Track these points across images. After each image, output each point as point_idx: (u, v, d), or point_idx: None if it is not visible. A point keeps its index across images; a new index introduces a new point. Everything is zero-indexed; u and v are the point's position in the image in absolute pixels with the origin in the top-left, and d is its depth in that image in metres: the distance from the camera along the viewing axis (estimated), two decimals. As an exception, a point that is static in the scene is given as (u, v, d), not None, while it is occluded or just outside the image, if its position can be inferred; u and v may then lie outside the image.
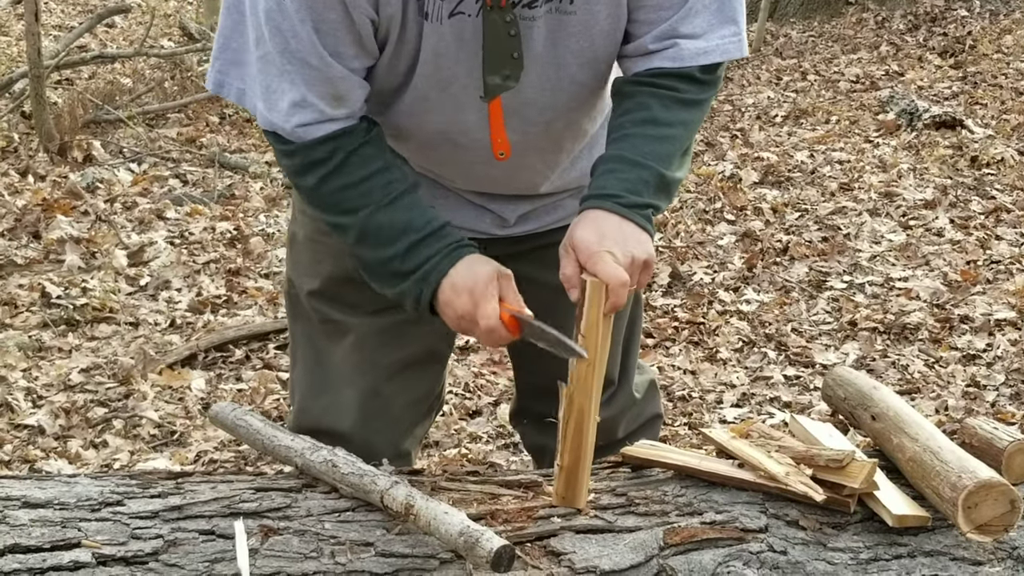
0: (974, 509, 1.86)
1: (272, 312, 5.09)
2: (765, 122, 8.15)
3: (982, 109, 8.01)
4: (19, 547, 1.75)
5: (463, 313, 1.98)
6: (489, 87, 2.02)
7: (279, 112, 1.97)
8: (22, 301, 5.09)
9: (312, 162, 2.02)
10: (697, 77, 2.06)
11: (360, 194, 2.03)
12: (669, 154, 2.03)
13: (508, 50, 1.98)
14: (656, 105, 2.04)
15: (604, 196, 1.99)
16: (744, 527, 1.93)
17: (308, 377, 2.41)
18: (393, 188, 2.04)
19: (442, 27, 1.94)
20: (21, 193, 6.39)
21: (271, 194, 6.61)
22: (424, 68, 2.00)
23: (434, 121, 2.10)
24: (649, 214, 2.00)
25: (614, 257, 1.90)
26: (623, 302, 1.92)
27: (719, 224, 6.11)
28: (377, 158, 2.05)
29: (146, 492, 1.93)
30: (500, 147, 2.14)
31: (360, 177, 2.03)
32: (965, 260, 5.54)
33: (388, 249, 2.03)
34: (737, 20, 2.07)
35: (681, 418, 4.19)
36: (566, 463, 1.96)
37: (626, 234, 1.95)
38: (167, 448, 4.02)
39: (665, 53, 2.03)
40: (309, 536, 1.85)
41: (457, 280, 1.99)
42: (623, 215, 1.97)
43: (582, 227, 1.97)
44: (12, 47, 9.53)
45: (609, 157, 2.04)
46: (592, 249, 1.92)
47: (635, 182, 1.99)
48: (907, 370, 4.50)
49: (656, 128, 2.03)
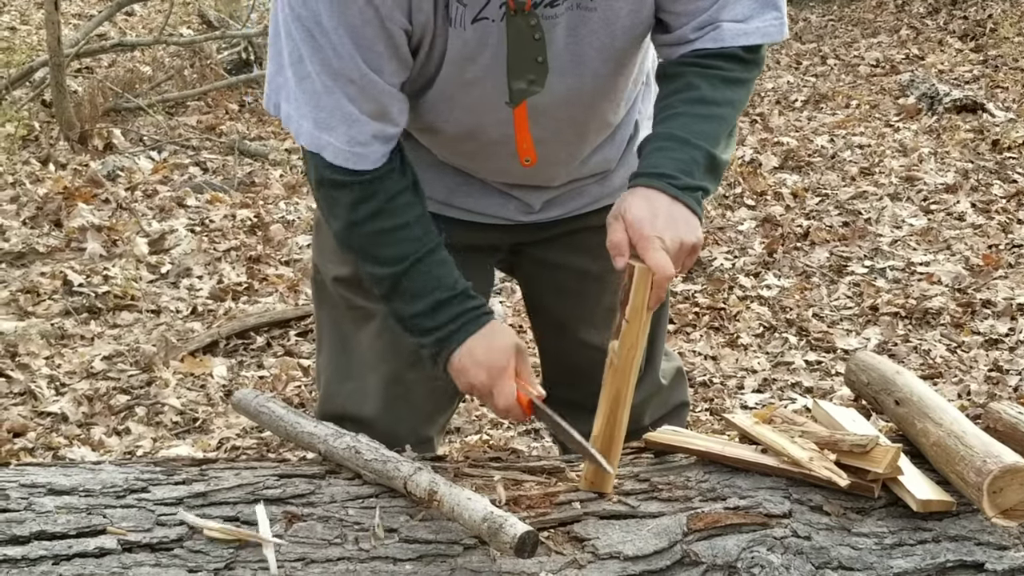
0: (999, 494, 1.85)
1: (293, 299, 5.10)
2: (785, 107, 8.12)
3: (1003, 92, 7.97)
4: (45, 534, 1.76)
5: (478, 386, 2.05)
6: (514, 92, 2.02)
7: (331, 131, 1.96)
8: (44, 289, 5.11)
9: (355, 201, 2.02)
10: (741, 56, 2.05)
11: (398, 241, 2.04)
12: (717, 133, 2.02)
13: (533, 55, 1.98)
14: (704, 84, 2.03)
15: (657, 175, 1.97)
16: (768, 512, 1.92)
17: (333, 363, 2.42)
18: (428, 240, 2.06)
19: (465, 32, 1.93)
20: (42, 182, 6.41)
21: (291, 181, 6.61)
22: (448, 71, 1.99)
23: (459, 120, 2.10)
24: (699, 197, 1.98)
25: (663, 243, 1.89)
26: (663, 294, 1.93)
27: (739, 209, 6.10)
28: (417, 205, 2.07)
29: (170, 479, 1.94)
30: (526, 152, 2.14)
31: (399, 224, 2.04)
32: (987, 244, 5.51)
33: (416, 304, 2.06)
34: (779, 5, 2.06)
35: (702, 404, 4.18)
36: (598, 448, 1.97)
37: (676, 218, 1.93)
38: (189, 435, 4.03)
39: (707, 36, 2.03)
40: (333, 522, 1.86)
41: (477, 352, 2.04)
42: (675, 196, 1.95)
43: (635, 203, 1.94)
44: (32, 36, 9.56)
45: (660, 135, 2.02)
46: (644, 231, 1.90)
47: (687, 162, 1.98)
48: (929, 355, 4.48)
49: (705, 107, 2.02)
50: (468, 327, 2.05)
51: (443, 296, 2.05)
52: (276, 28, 1.96)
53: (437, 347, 2.06)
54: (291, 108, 1.99)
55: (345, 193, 2.03)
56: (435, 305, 2.05)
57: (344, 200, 2.04)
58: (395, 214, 2.04)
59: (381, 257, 2.06)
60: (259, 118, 7.87)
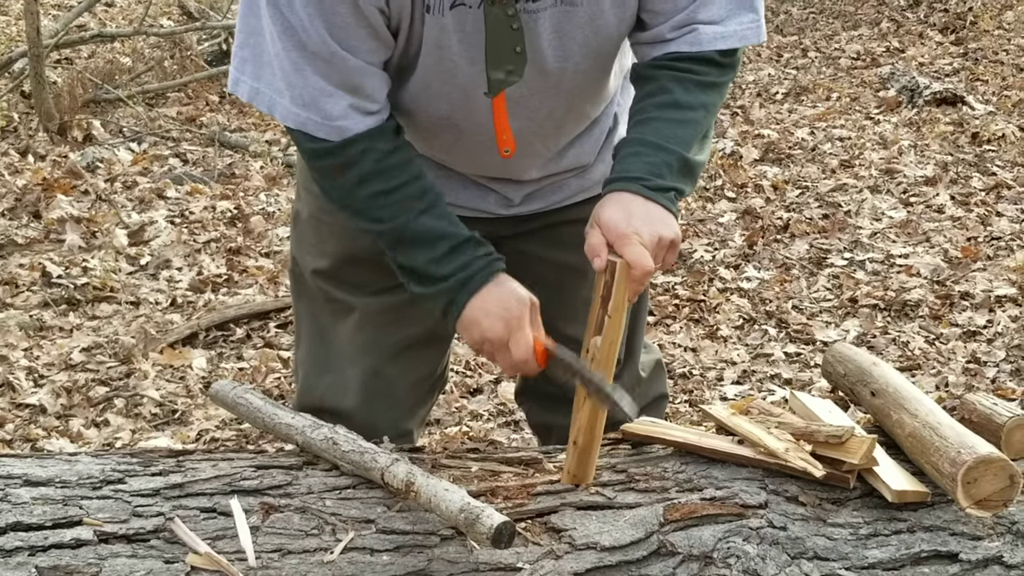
0: (973, 484, 1.86)
1: (273, 291, 5.10)
2: (766, 99, 8.13)
3: (983, 85, 7.99)
4: (21, 525, 1.76)
5: (493, 338, 1.99)
6: (493, 82, 2.02)
7: (312, 105, 1.96)
8: (23, 281, 5.09)
9: (346, 163, 2.01)
10: (716, 60, 2.06)
11: (396, 201, 2.02)
12: (690, 137, 2.04)
13: (511, 44, 1.98)
14: (678, 88, 2.04)
15: (629, 179, 1.99)
16: (744, 503, 1.93)
17: (312, 356, 2.42)
18: (428, 196, 2.05)
19: (444, 18, 1.93)
20: (21, 173, 6.38)
21: (271, 173, 6.60)
22: (427, 59, 1.99)
23: (437, 108, 2.10)
24: (673, 196, 2.00)
25: (640, 238, 1.91)
26: (643, 288, 1.94)
27: (720, 201, 6.11)
28: (411, 164, 2.05)
29: (147, 470, 1.94)
30: (505, 143, 2.14)
31: (398, 183, 2.02)
32: (966, 237, 5.53)
33: (427, 252, 2.02)
34: (756, 7, 2.08)
35: (682, 395, 4.19)
36: (581, 442, 1.98)
37: (652, 215, 1.96)
38: (168, 427, 4.03)
39: (684, 39, 2.04)
40: (310, 513, 1.86)
41: (489, 302, 2.00)
42: (648, 197, 1.97)
43: (609, 207, 1.97)
44: (11, 26, 9.51)
45: (632, 140, 2.04)
46: (621, 229, 1.92)
47: (659, 165, 2.00)
48: (907, 347, 4.50)
49: (679, 111, 2.04)
50: (482, 274, 2.01)
51: (455, 242, 2.02)
52: (248, 7, 1.95)
53: (450, 295, 2.02)
54: (262, 85, 1.98)
55: (334, 160, 2.01)
56: (448, 251, 2.01)
57: (334, 166, 2.03)
58: (390, 175, 2.02)
59: (381, 216, 2.03)
60: (239, 109, 7.85)
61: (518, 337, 1.97)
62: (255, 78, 1.99)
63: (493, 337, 1.99)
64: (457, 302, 2.01)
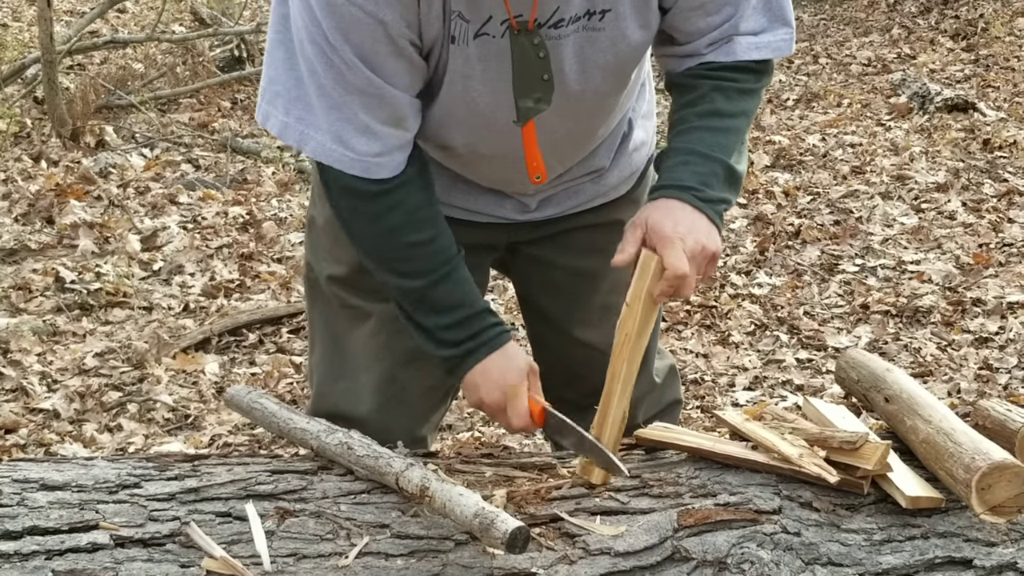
0: (988, 490, 1.86)
1: (285, 296, 5.10)
2: (777, 105, 8.13)
3: (994, 92, 7.98)
4: (37, 529, 1.76)
5: (491, 403, 2.09)
6: (521, 111, 2.04)
7: (347, 140, 1.96)
8: (36, 286, 5.11)
9: (377, 214, 2.04)
10: (752, 68, 2.10)
11: (424, 256, 2.07)
12: (732, 145, 2.08)
13: (538, 73, 2.00)
14: (719, 97, 2.07)
15: (681, 187, 2.02)
16: (758, 509, 1.93)
17: (326, 362, 2.42)
18: (452, 254, 2.09)
19: (468, 48, 1.94)
20: (34, 178, 6.40)
21: (283, 179, 6.61)
22: (450, 87, 2.00)
23: (459, 135, 2.11)
24: (722, 210, 2.05)
25: (683, 244, 1.94)
26: (679, 293, 1.97)
27: (731, 208, 6.10)
28: (440, 218, 2.10)
29: (163, 475, 1.94)
30: (536, 170, 2.17)
31: (424, 239, 2.06)
32: (977, 243, 5.53)
33: (444, 317, 2.09)
34: (789, 21, 2.13)
35: (694, 401, 4.19)
36: (593, 432, 2.03)
37: (698, 226, 1.98)
38: (181, 432, 4.04)
39: (720, 49, 2.08)
40: (325, 518, 1.86)
41: (492, 372, 2.08)
42: (698, 208, 2.00)
43: (658, 212, 1.99)
44: (24, 32, 9.53)
45: (679, 149, 2.07)
46: (666, 232, 1.95)
47: (708, 175, 2.03)
48: (919, 353, 4.50)
49: (721, 120, 2.07)
50: (490, 344, 2.09)
51: (470, 312, 2.09)
52: (284, 43, 1.96)
53: (458, 360, 2.10)
54: (292, 120, 1.98)
55: (368, 204, 2.04)
56: (462, 320, 2.09)
57: (368, 211, 2.05)
58: (421, 227, 2.06)
59: (409, 271, 2.08)
60: (251, 116, 7.86)
61: (514, 405, 2.07)
62: (286, 112, 1.99)
63: (490, 403, 2.09)
64: (462, 368, 2.11)
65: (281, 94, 1.98)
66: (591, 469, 2.00)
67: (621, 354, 2.01)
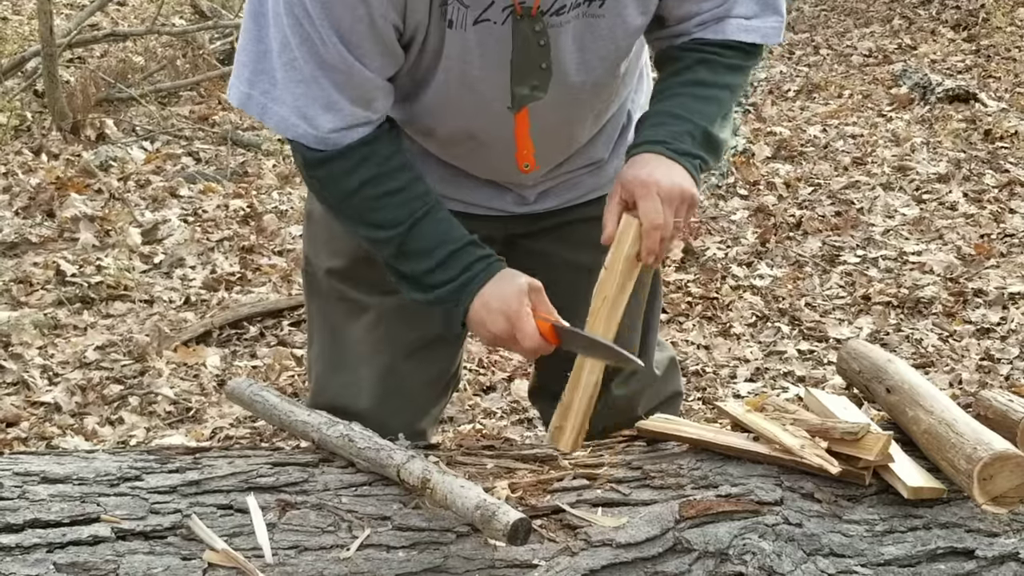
0: (989, 481, 1.86)
1: (286, 289, 5.10)
2: (778, 97, 8.12)
3: (995, 82, 7.97)
4: (39, 522, 1.77)
5: (499, 333, 2.01)
6: (517, 98, 2.03)
7: (310, 116, 1.95)
8: (37, 279, 5.11)
9: (347, 169, 2.01)
10: (741, 47, 2.12)
11: (397, 204, 2.03)
12: (713, 113, 2.09)
13: (537, 61, 1.99)
14: (703, 69, 2.10)
15: (653, 142, 2.04)
16: (759, 500, 1.93)
17: (325, 355, 2.42)
18: (429, 199, 2.06)
19: (466, 33, 1.94)
20: (35, 172, 6.40)
21: (284, 171, 6.61)
22: (446, 74, 2.00)
23: (455, 121, 2.10)
24: (697, 164, 2.05)
25: (659, 188, 1.96)
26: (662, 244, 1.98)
27: (732, 199, 6.10)
28: (409, 168, 2.06)
29: (164, 467, 1.94)
30: (525, 159, 2.16)
31: (396, 187, 2.03)
32: (979, 234, 5.52)
33: (427, 260, 2.04)
34: (780, 11, 2.14)
35: (695, 393, 4.19)
36: (564, 398, 2.05)
37: (672, 171, 2.00)
38: (183, 425, 4.04)
39: (709, 28, 2.10)
40: (326, 510, 1.87)
41: (489, 300, 2.01)
42: (672, 158, 2.02)
43: (630, 167, 2.02)
44: (24, 26, 9.53)
45: (655, 112, 2.10)
46: (641, 179, 1.98)
47: (681, 134, 2.04)
48: (921, 344, 4.50)
49: (703, 88, 2.09)
50: (482, 275, 2.02)
51: (454, 247, 2.03)
52: (257, 16, 1.95)
53: (453, 299, 2.03)
54: (256, 92, 1.98)
55: (335, 165, 2.01)
56: (447, 257, 2.03)
57: (335, 171, 2.02)
58: (390, 178, 2.03)
59: (382, 222, 2.04)
60: (252, 108, 7.85)
61: (521, 326, 1.98)
62: (250, 84, 1.99)
63: (498, 332, 2.01)
64: (460, 304, 2.03)
65: (247, 65, 1.98)
66: (559, 436, 2.02)
67: (597, 318, 2.02)
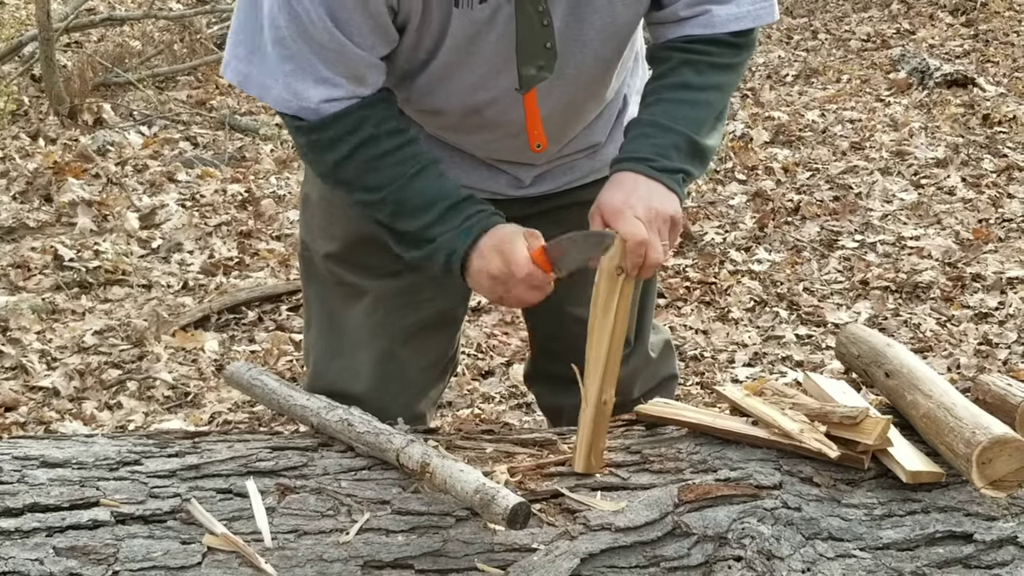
0: (988, 465, 1.86)
1: (284, 274, 5.10)
2: (776, 81, 8.11)
3: (994, 67, 7.97)
4: (38, 506, 1.77)
5: (496, 272, 1.98)
6: (524, 78, 2.03)
7: (301, 91, 1.95)
8: (35, 264, 5.10)
9: (339, 136, 2.00)
10: (730, 41, 2.08)
11: (391, 164, 2.02)
12: (701, 119, 2.06)
13: (542, 41, 1.99)
14: (689, 71, 2.06)
15: (635, 159, 2.02)
16: (758, 484, 1.93)
17: (323, 340, 2.42)
18: (422, 158, 2.05)
19: (473, 12, 1.93)
20: (32, 156, 6.39)
21: (282, 156, 6.60)
22: (451, 51, 1.99)
23: (461, 99, 2.09)
24: (679, 179, 2.03)
25: (634, 211, 1.93)
26: (648, 261, 1.95)
27: (730, 184, 6.10)
28: (403, 130, 2.05)
29: (163, 451, 1.95)
30: (537, 139, 2.16)
31: (390, 148, 2.02)
32: (977, 218, 5.52)
33: (424, 216, 2.02)
34: None
35: (693, 377, 4.19)
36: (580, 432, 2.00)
37: (652, 192, 1.98)
38: (181, 409, 4.04)
39: (697, 20, 2.07)
40: (326, 495, 1.87)
41: (483, 246, 1.99)
42: (652, 176, 2.00)
43: (609, 189, 2.00)
44: (21, 10, 9.51)
45: (641, 121, 2.07)
46: (615, 205, 1.95)
47: (666, 147, 2.02)
48: (919, 328, 4.50)
49: (689, 92, 2.06)
50: (479, 225, 2.00)
51: (452, 202, 2.02)
52: None
53: (448, 249, 2.01)
54: (254, 69, 1.98)
55: (328, 131, 2.00)
56: (445, 210, 2.01)
57: (328, 137, 2.01)
58: (386, 140, 2.02)
59: (377, 183, 2.03)
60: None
61: (513, 257, 1.96)
62: (247, 62, 1.99)
63: (494, 271, 1.98)
64: (456, 254, 2.00)
65: (243, 43, 1.98)
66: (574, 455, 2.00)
67: (591, 334, 2.00)
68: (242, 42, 1.98)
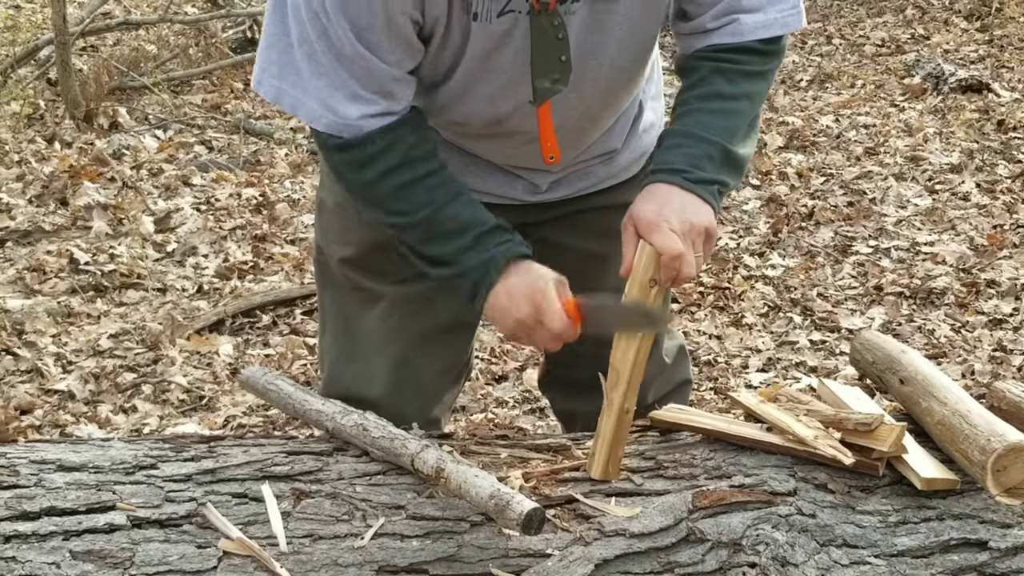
0: (1003, 472, 1.86)
1: (299, 278, 5.11)
2: (790, 86, 8.10)
3: (1008, 72, 7.94)
4: (55, 509, 1.78)
5: (523, 318, 1.97)
6: (538, 91, 2.03)
7: (336, 107, 1.96)
8: (51, 267, 5.12)
9: (374, 155, 2.00)
10: (760, 49, 2.07)
11: (426, 189, 2.02)
12: (734, 128, 2.05)
13: (556, 54, 1.99)
14: (720, 79, 2.05)
15: (669, 171, 2.00)
16: (773, 490, 1.93)
17: (337, 345, 2.42)
18: (455, 185, 2.05)
19: (491, 25, 1.94)
20: (48, 160, 6.41)
21: (296, 160, 6.61)
22: (470, 64, 1.99)
23: (479, 111, 2.10)
24: (715, 190, 2.01)
25: (669, 224, 1.92)
26: (681, 274, 1.94)
27: (744, 189, 6.09)
28: (436, 155, 2.05)
29: (179, 456, 1.95)
30: (550, 151, 2.16)
31: (425, 172, 2.02)
32: (991, 224, 5.51)
33: (455, 241, 2.02)
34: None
35: (707, 383, 4.19)
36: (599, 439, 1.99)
37: (685, 204, 1.96)
38: (196, 413, 4.05)
39: (725, 29, 2.06)
40: (341, 499, 1.87)
41: (513, 287, 1.98)
42: (686, 188, 1.98)
43: (643, 201, 1.98)
44: (37, 14, 9.54)
45: (674, 132, 2.06)
46: (650, 219, 1.93)
47: (699, 157, 2.00)
48: (933, 335, 4.49)
49: (721, 102, 2.05)
50: (506, 257, 2.00)
51: (482, 230, 2.01)
52: (279, 8, 1.95)
53: (476, 280, 2.01)
54: (287, 86, 1.98)
55: (360, 152, 2.00)
56: (475, 239, 2.01)
57: (359, 158, 2.01)
58: (418, 165, 2.02)
59: (407, 208, 2.03)
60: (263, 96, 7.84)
61: (546, 308, 1.95)
62: (280, 79, 1.99)
63: (523, 317, 1.97)
64: (482, 285, 2.00)
65: (275, 60, 1.98)
66: (590, 462, 2.00)
67: (618, 342, 1.99)
68: (273, 60, 1.99)
